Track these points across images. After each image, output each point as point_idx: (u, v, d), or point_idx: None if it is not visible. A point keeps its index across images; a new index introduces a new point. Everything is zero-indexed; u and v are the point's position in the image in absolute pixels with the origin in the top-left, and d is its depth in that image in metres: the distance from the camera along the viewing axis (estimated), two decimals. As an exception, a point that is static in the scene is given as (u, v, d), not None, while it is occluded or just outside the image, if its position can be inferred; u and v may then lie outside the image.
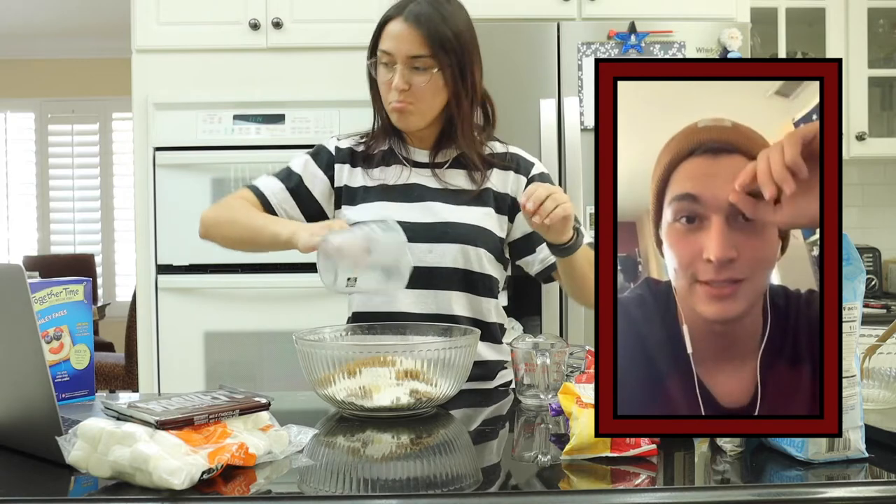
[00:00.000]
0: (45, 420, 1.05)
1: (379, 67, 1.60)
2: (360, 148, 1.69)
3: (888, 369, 1.26)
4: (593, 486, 1.00)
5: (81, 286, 1.43)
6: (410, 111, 1.58)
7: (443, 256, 1.57)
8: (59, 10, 5.24)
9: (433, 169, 1.64)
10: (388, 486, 1.00)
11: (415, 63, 1.55)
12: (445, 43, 1.55)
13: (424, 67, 1.55)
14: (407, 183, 1.64)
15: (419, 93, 1.57)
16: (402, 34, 1.55)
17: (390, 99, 1.59)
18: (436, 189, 1.63)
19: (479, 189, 1.63)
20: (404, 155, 1.66)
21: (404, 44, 1.55)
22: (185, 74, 2.81)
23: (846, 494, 0.97)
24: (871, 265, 3.38)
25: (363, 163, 1.68)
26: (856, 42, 3.18)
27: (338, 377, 1.28)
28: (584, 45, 2.68)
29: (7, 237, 6.42)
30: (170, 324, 2.79)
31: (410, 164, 1.66)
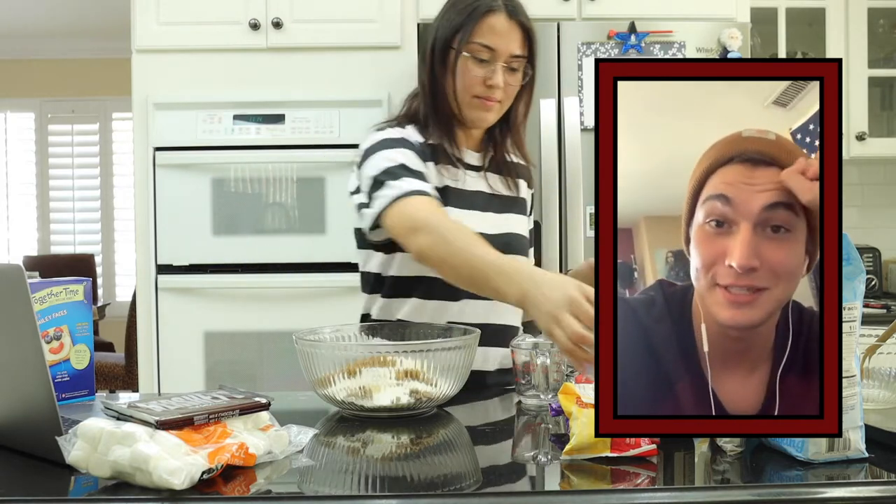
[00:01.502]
0: (45, 420, 1.05)
1: (471, 60, 1.51)
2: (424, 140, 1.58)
3: (888, 369, 1.26)
4: (593, 486, 1.00)
5: (81, 286, 1.43)
6: (495, 109, 1.54)
7: None
8: (59, 10, 5.24)
9: (486, 173, 1.61)
10: (388, 486, 1.00)
11: (513, 63, 1.51)
12: (535, 43, 1.53)
13: (518, 68, 1.52)
14: (468, 189, 1.59)
15: (510, 92, 1.54)
16: (506, 31, 1.49)
17: (477, 92, 1.53)
18: (489, 195, 1.61)
19: (516, 196, 1.64)
20: (456, 156, 1.60)
21: (510, 41, 1.49)
22: (185, 74, 2.81)
23: (846, 494, 0.97)
24: (871, 265, 3.38)
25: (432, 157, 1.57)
26: (856, 42, 3.18)
27: (338, 377, 1.28)
28: (584, 45, 2.68)
29: (7, 237, 6.42)
30: (170, 324, 2.79)
31: (464, 166, 1.60)
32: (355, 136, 2.77)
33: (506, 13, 1.50)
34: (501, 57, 1.50)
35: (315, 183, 2.78)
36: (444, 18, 1.56)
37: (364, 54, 2.82)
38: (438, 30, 1.57)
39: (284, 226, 2.79)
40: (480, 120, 1.57)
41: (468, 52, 1.51)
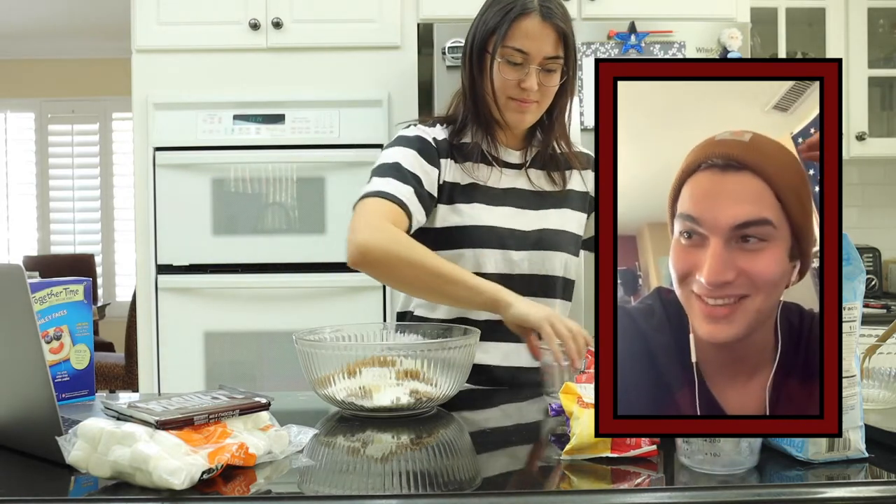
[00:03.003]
0: (45, 420, 1.05)
1: (504, 63, 1.52)
2: (452, 139, 1.60)
3: (888, 369, 1.26)
4: (593, 486, 1.00)
5: (81, 286, 1.43)
6: (532, 110, 1.54)
7: (542, 264, 1.57)
8: (59, 10, 5.24)
9: (527, 170, 1.62)
10: (388, 486, 1.00)
11: (548, 65, 1.51)
12: (571, 43, 1.52)
13: (555, 69, 1.52)
14: (501, 187, 1.59)
15: (546, 93, 1.53)
16: (539, 33, 1.49)
17: (512, 94, 1.53)
18: (528, 192, 1.61)
19: (563, 190, 1.63)
20: (493, 154, 1.60)
21: (543, 44, 1.49)
22: (185, 74, 2.82)
23: (846, 494, 0.97)
24: (871, 265, 3.38)
25: (458, 156, 1.58)
26: (856, 42, 3.18)
27: (338, 377, 1.28)
28: (584, 45, 2.68)
29: (7, 237, 6.42)
30: (170, 324, 2.79)
31: (500, 164, 1.60)
32: (355, 135, 2.77)
33: (539, 15, 1.49)
34: (535, 60, 1.50)
35: (315, 183, 2.78)
36: (482, 18, 1.56)
37: (364, 54, 2.82)
38: (476, 30, 1.57)
39: (284, 226, 2.79)
40: (518, 121, 1.57)
41: (501, 57, 1.51)
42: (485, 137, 1.59)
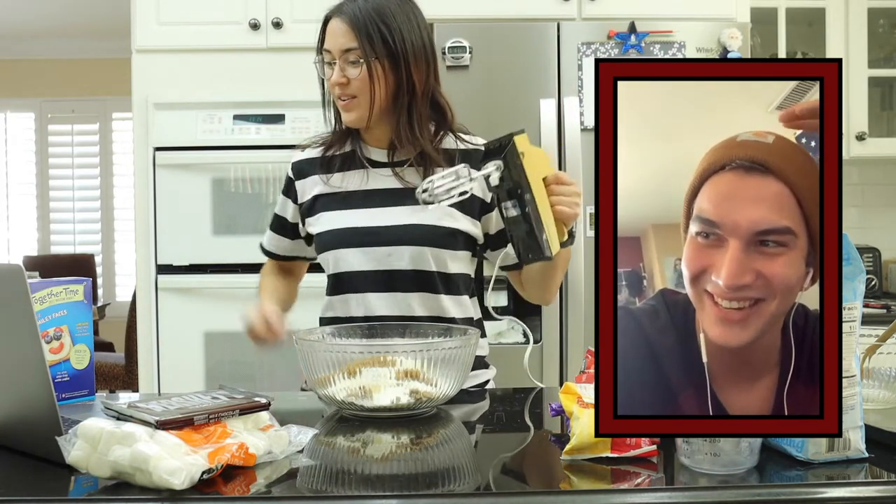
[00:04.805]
0: (45, 420, 1.05)
1: (325, 67, 1.62)
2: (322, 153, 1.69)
3: (888, 369, 1.26)
4: (593, 486, 1.00)
5: (81, 286, 1.43)
6: (352, 106, 1.60)
7: (400, 259, 1.58)
8: (60, 10, 5.24)
9: (392, 168, 1.64)
10: (388, 486, 1.00)
11: (349, 57, 1.57)
12: (374, 35, 1.57)
13: (357, 60, 1.57)
14: (366, 189, 1.64)
15: (357, 85, 1.58)
16: (336, 30, 1.58)
17: (335, 93, 1.62)
18: (396, 190, 1.62)
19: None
20: (365, 156, 1.66)
21: (339, 38, 1.57)
22: (185, 74, 2.82)
23: (846, 494, 0.97)
24: (871, 265, 3.38)
25: (322, 169, 1.67)
26: (856, 42, 3.18)
27: (338, 377, 1.28)
28: (584, 45, 2.68)
29: (7, 237, 6.42)
30: (170, 324, 2.79)
31: (371, 164, 1.65)
32: (355, 136, 2.77)
33: (338, 15, 1.59)
34: (337, 56, 1.58)
35: (315, 183, 2.77)
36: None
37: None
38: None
39: (284, 226, 2.78)
40: (347, 119, 1.63)
41: (320, 62, 1.63)
42: (354, 141, 1.68)
